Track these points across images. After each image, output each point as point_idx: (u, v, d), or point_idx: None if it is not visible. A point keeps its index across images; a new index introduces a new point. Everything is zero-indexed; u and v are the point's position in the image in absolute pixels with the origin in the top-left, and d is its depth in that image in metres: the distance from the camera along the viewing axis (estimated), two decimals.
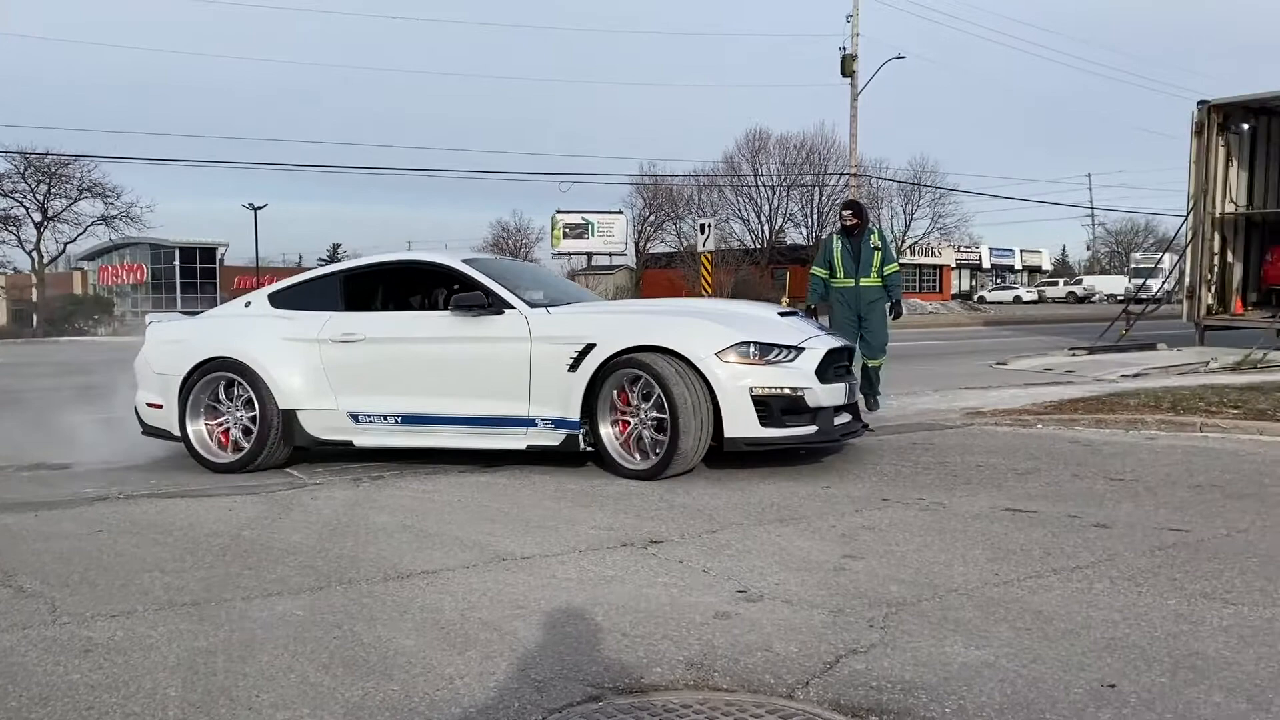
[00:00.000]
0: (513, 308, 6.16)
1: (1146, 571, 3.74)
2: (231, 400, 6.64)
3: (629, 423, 5.81)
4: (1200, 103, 14.98)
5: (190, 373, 6.65)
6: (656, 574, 3.89)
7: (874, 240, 8.28)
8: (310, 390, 6.48)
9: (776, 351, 5.74)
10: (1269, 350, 12.38)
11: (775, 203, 51.58)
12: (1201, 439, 6.90)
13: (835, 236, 8.40)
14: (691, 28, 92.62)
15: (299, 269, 38.01)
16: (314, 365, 6.49)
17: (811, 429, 5.75)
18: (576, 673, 2.90)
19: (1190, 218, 15.29)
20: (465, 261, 6.63)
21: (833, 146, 48.36)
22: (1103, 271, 68.12)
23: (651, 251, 54.24)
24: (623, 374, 5.77)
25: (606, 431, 5.84)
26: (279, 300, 6.97)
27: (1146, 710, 2.56)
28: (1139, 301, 19.28)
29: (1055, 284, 65.42)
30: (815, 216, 50.23)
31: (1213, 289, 15.29)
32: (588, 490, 5.51)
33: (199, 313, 7.82)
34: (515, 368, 6.01)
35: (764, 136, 51.44)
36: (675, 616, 3.36)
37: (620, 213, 53.92)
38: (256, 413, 6.49)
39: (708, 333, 5.74)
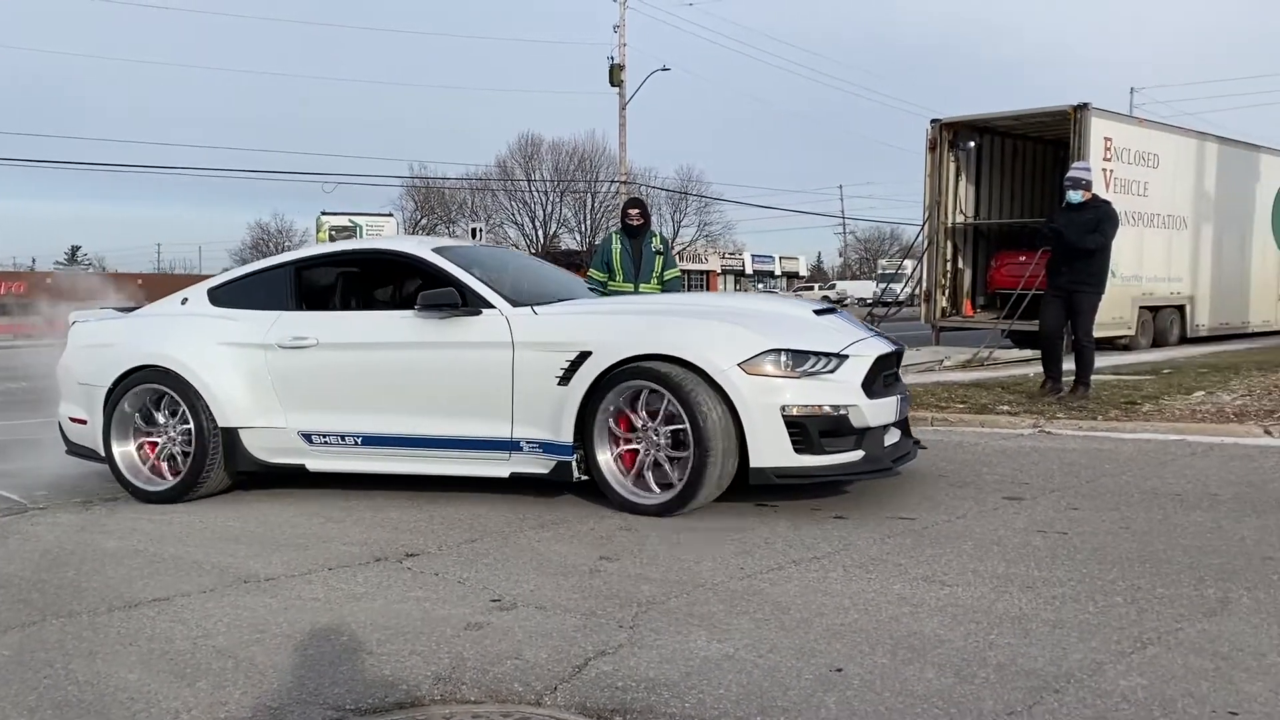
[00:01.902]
0: (492, 307, 5.13)
1: (876, 559, 4.01)
2: (165, 417, 5.63)
3: (635, 448, 4.84)
4: (933, 121, 16.24)
5: (116, 383, 5.64)
6: (410, 588, 3.80)
7: (656, 244, 8.05)
8: (255, 405, 5.47)
9: (813, 360, 4.70)
10: (994, 349, 13.60)
11: (549, 208, 51.93)
12: (931, 431, 7.47)
13: (616, 237, 8.04)
14: (462, 30, 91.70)
15: (32, 273, 34.55)
16: (259, 375, 5.49)
17: (857, 455, 4.73)
18: (316, 697, 2.79)
19: (926, 227, 16.54)
20: (436, 251, 5.57)
21: (604, 154, 49.20)
22: (854, 277, 72.60)
23: None
24: (626, 388, 4.78)
25: (605, 458, 4.85)
26: (220, 297, 5.91)
27: (868, 690, 2.73)
28: (884, 305, 20.69)
29: (811, 289, 69.23)
30: (589, 222, 50.90)
31: (946, 293, 16.62)
32: (344, 506, 5.32)
33: (132, 309, 6.59)
34: (495, 380, 5.02)
35: (537, 142, 51.70)
36: (426, 631, 3.30)
37: (390, 215, 52.30)
38: (192, 432, 5.50)
39: (729, 338, 4.73)
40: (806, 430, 4.59)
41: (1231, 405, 7.86)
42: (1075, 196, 8.33)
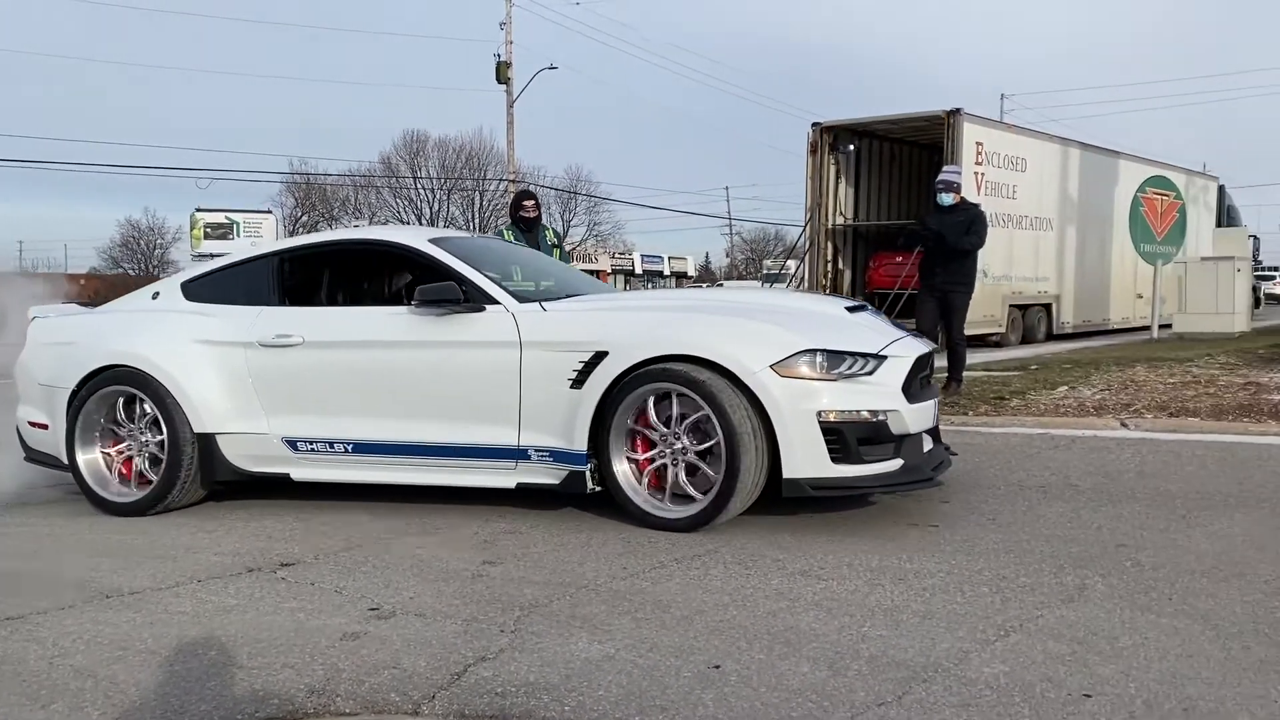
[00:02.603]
0: (496, 302, 4.78)
1: (756, 555, 4.07)
2: (135, 421, 5.22)
3: (653, 456, 4.50)
4: (814, 124, 16.60)
5: (80, 385, 5.21)
6: (284, 599, 3.69)
7: (550, 237, 7.94)
8: (234, 408, 5.09)
9: (850, 361, 4.36)
10: None
11: (436, 206, 51.16)
12: None
13: (508, 231, 7.84)
14: (344, 24, 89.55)
15: None
16: (239, 376, 5.09)
17: (895, 464, 4.39)
18: (182, 714, 2.69)
19: (808, 229, 16.91)
20: (433, 242, 5.17)
21: (492, 152, 48.80)
22: (740, 276, 73.68)
23: None
24: (646, 392, 4.43)
25: (622, 468, 4.51)
26: (195, 291, 5.49)
27: (745, 686, 2.78)
28: None
29: (700, 288, 69.96)
30: (477, 221, 50.35)
31: (827, 292, 17.02)
32: (216, 515, 5.14)
33: (96, 303, 6.10)
34: (501, 382, 4.66)
35: (423, 139, 50.90)
36: (300, 642, 3.21)
37: (269, 212, 50.81)
38: (165, 439, 5.10)
39: (760, 337, 4.38)
40: (844, 438, 4.24)
41: (1091, 399, 8.26)
42: (946, 199, 8.65)
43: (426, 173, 50.62)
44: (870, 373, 4.36)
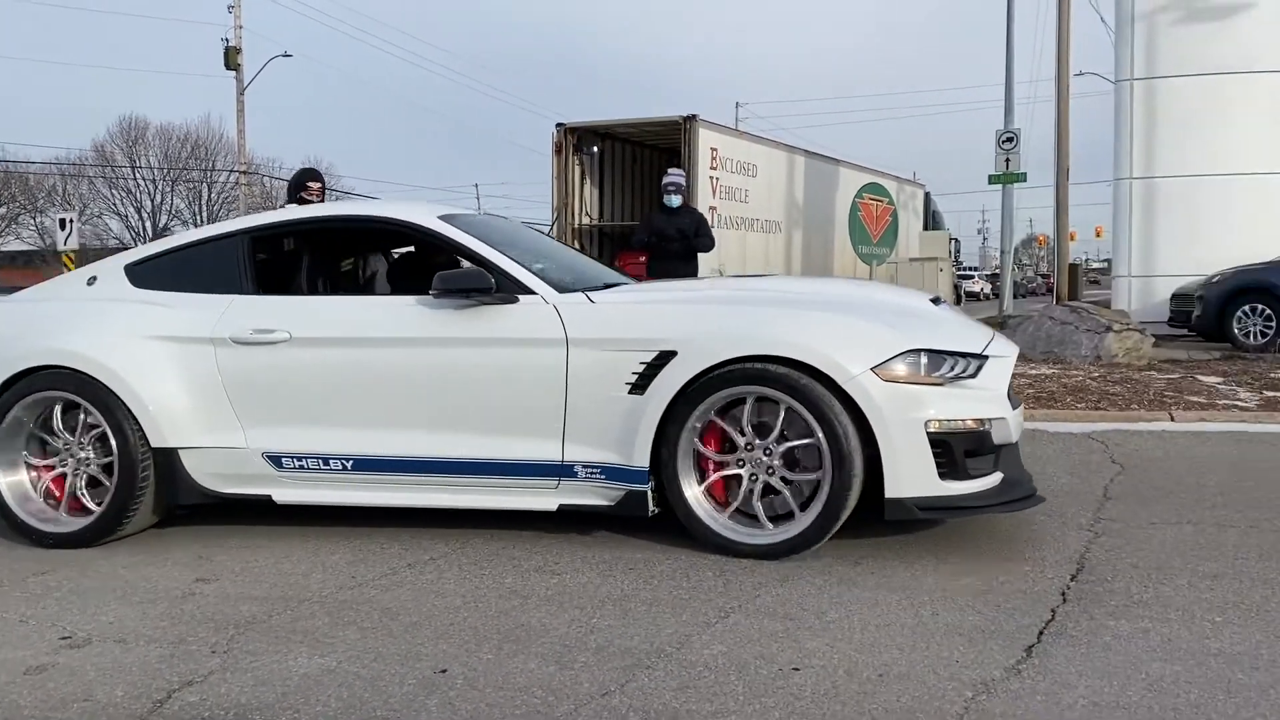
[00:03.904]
0: (531, 292, 4.09)
1: (492, 555, 4.04)
2: (72, 433, 4.36)
3: (736, 473, 3.88)
4: (558, 125, 16.72)
5: (1, 390, 4.33)
6: None
7: None
8: (202, 418, 4.28)
9: (951, 363, 3.82)
10: None
11: (158, 198, 47.52)
12: None
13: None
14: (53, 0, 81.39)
15: None
16: (207, 379, 4.30)
17: (996, 478, 3.87)
18: None
19: (555, 228, 17.03)
20: (444, 219, 4.44)
21: (221, 141, 45.93)
22: None
23: (4, 249, 46.67)
24: (721, 398, 3.83)
25: (692, 487, 3.89)
26: (144, 275, 4.59)
27: (471, 688, 2.74)
28: None
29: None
30: (205, 214, 47.20)
31: None
32: None
33: (15, 290, 4.97)
34: (541, 386, 4.00)
35: (142, 126, 47.12)
36: None
37: None
38: (114, 455, 4.26)
39: (857, 335, 3.80)
40: (951, 450, 3.72)
41: None
42: (675, 201, 8.97)
43: (147, 162, 46.90)
44: (973, 375, 3.85)
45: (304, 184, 6.98)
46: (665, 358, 3.86)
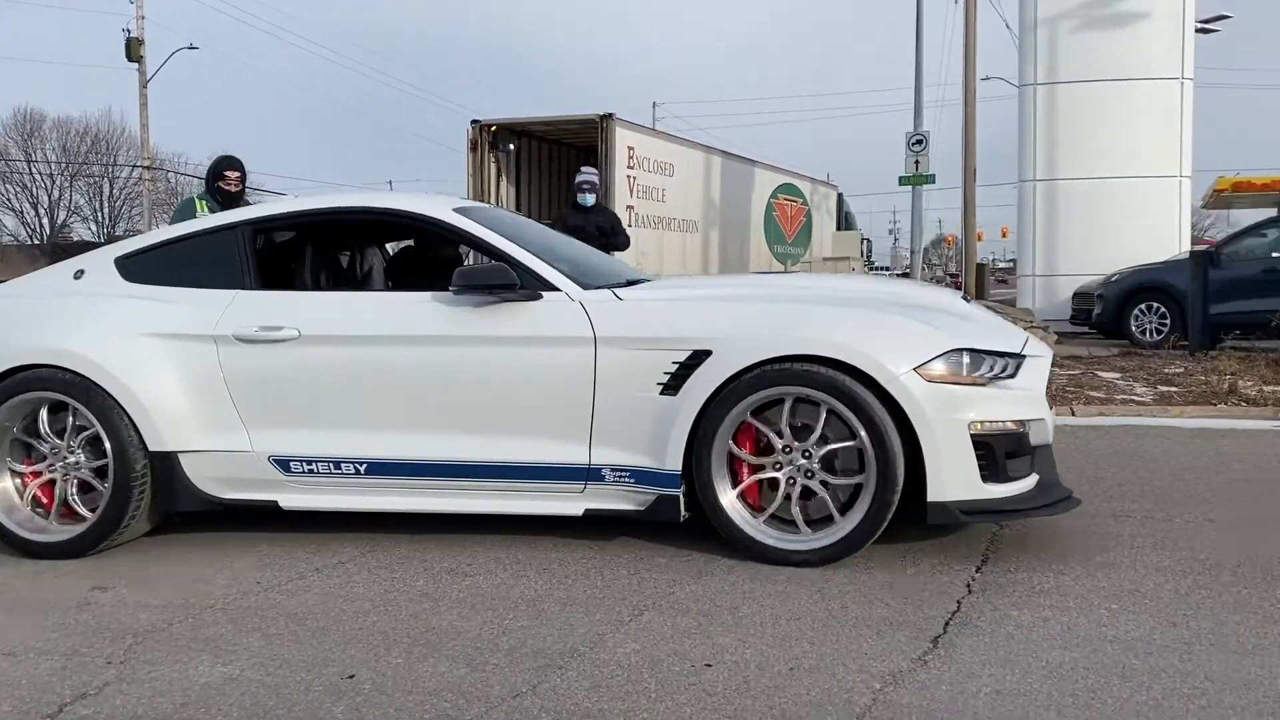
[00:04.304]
0: (554, 289, 3.96)
1: (404, 557, 3.97)
2: (60, 437, 4.11)
3: (773, 476, 3.73)
4: (473, 121, 16.56)
5: None
6: None
7: None
8: (204, 420, 4.07)
9: (991, 363, 3.73)
10: None
11: (56, 194, 45.77)
12: None
13: (202, 202, 6.63)
14: None
15: None
16: (209, 378, 4.08)
17: (1032, 480, 3.78)
18: None
19: None
20: (459, 212, 4.28)
21: (123, 136, 44.44)
22: None
23: None
24: (758, 399, 3.70)
25: (728, 491, 3.76)
26: (136, 269, 4.34)
27: (379, 693, 2.69)
28: None
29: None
30: (107, 210, 45.66)
31: None
32: None
33: None
34: (568, 386, 3.86)
35: (39, 118, 45.35)
36: None
37: None
38: (108, 458, 4.01)
39: (898, 334, 3.69)
40: (993, 452, 3.64)
41: None
42: (590, 199, 8.98)
43: (44, 156, 45.11)
44: (1012, 375, 3.77)
45: (221, 173, 6.57)
46: (699, 357, 3.74)
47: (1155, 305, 12.27)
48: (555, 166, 18.42)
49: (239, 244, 4.31)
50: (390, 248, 5.42)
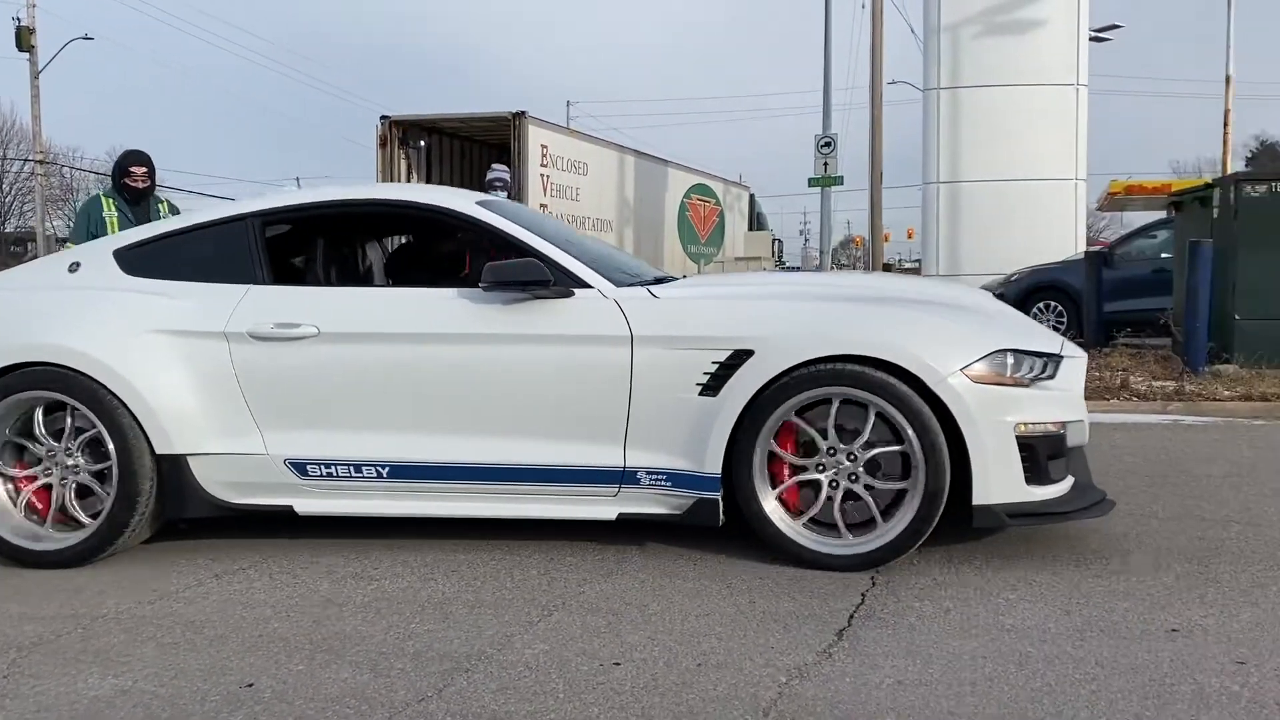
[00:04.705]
0: (586, 285, 3.85)
1: (306, 563, 3.88)
2: (57, 438, 3.92)
3: (814, 479, 3.65)
4: (383, 117, 16.28)
5: None
6: None
7: (165, 211, 6.29)
8: (215, 421, 3.90)
9: (1032, 363, 3.68)
10: None
11: None
12: None
13: (108, 200, 6.23)
14: None
15: None
16: (220, 378, 3.90)
17: (1069, 482, 3.77)
18: None
19: None
20: (482, 205, 4.16)
21: (14, 128, 42.58)
22: None
23: None
24: (801, 400, 3.61)
25: (771, 501, 3.67)
26: (138, 261, 4.15)
27: (280, 701, 2.62)
28: None
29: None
30: None
31: None
32: None
33: None
34: (603, 387, 3.75)
35: None
36: None
37: None
38: (112, 461, 3.83)
39: (945, 334, 3.65)
40: (1036, 454, 3.61)
41: None
42: (501, 197, 8.89)
43: None
44: (1051, 376, 3.72)
45: (127, 169, 6.15)
46: (740, 357, 3.64)
47: (1053, 304, 12.68)
48: (467, 164, 18.22)
49: (248, 236, 4.13)
50: (384, 244, 5.27)
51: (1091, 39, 16.31)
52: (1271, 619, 3.08)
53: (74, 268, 4.25)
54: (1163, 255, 12.38)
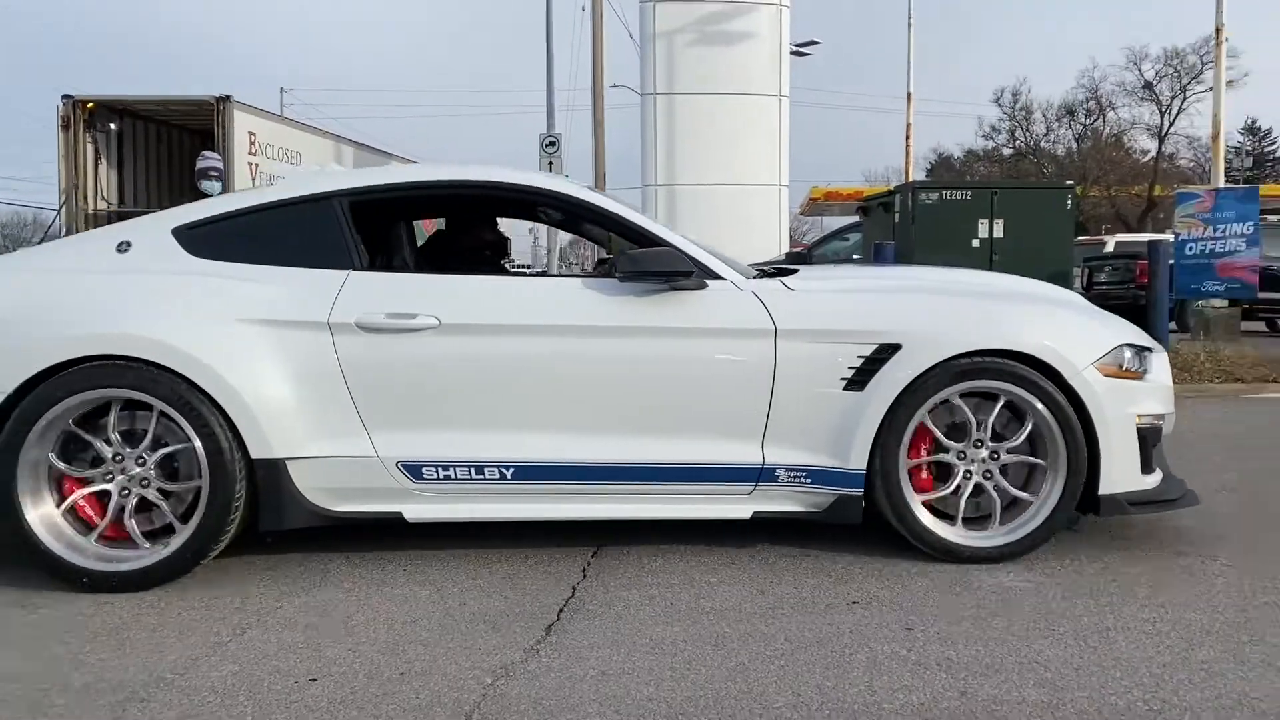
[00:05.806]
0: (719, 277, 3.67)
1: None
2: (125, 443, 3.42)
3: (949, 474, 3.66)
4: (65, 97, 14.78)
5: (24, 389, 3.31)
6: None
7: None
8: (315, 421, 3.50)
9: (1140, 356, 3.82)
10: None
11: None
12: None
13: None
14: None
15: None
16: (322, 373, 3.50)
17: (1160, 474, 3.88)
18: None
19: (64, 213, 15.04)
20: (591, 190, 3.99)
21: None
22: None
23: None
24: (946, 394, 3.61)
25: (911, 489, 3.62)
26: (204, 241, 3.65)
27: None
28: None
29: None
30: None
31: None
32: None
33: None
34: (743, 381, 3.59)
35: None
36: None
37: None
38: (201, 468, 3.39)
39: (1076, 329, 3.74)
40: (1147, 444, 3.76)
41: None
42: (215, 187, 8.29)
43: None
44: (1150, 370, 3.86)
45: None
46: (887, 351, 3.61)
47: None
48: (166, 151, 16.88)
49: (338, 217, 3.73)
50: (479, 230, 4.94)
51: (793, 53, 17.44)
52: (939, 587, 3.40)
53: (124, 247, 3.70)
54: (854, 256, 13.45)
